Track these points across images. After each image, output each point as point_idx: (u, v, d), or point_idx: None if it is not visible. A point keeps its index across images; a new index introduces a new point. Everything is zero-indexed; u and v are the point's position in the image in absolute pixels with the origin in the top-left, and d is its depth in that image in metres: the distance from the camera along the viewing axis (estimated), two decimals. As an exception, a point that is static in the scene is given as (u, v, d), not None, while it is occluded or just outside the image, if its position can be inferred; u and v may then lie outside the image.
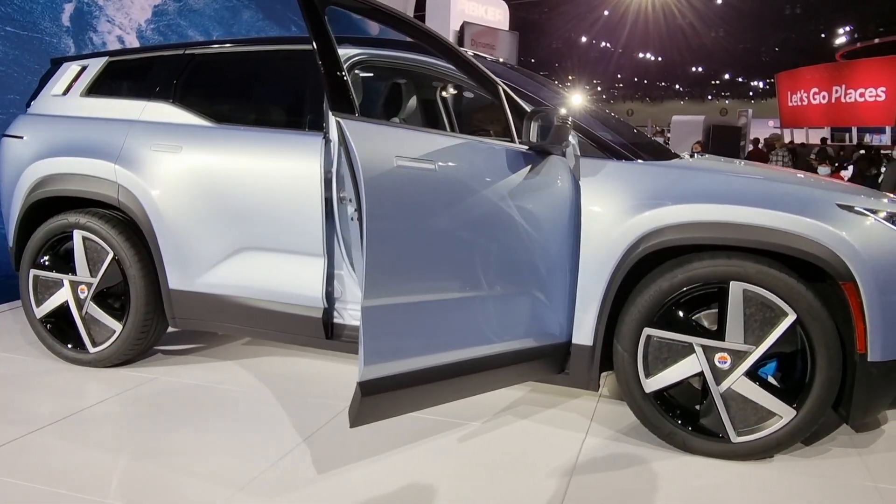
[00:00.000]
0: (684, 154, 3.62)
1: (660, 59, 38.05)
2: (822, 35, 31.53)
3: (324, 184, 3.05)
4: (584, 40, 34.47)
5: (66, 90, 3.82)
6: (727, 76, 45.35)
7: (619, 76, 45.97)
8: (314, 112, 3.24)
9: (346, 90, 2.33)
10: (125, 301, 3.53)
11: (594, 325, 2.81)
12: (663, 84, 48.47)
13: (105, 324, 3.56)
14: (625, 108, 46.51)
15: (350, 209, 3.02)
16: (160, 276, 3.45)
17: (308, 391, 3.34)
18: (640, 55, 37.74)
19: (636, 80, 47.66)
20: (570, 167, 2.84)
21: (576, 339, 2.86)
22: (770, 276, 2.57)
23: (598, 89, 47.49)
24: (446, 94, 4.25)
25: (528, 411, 3.16)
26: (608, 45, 35.93)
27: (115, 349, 3.55)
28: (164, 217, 3.37)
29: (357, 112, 2.34)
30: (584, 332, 2.84)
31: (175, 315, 3.49)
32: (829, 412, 2.72)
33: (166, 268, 3.42)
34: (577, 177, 2.83)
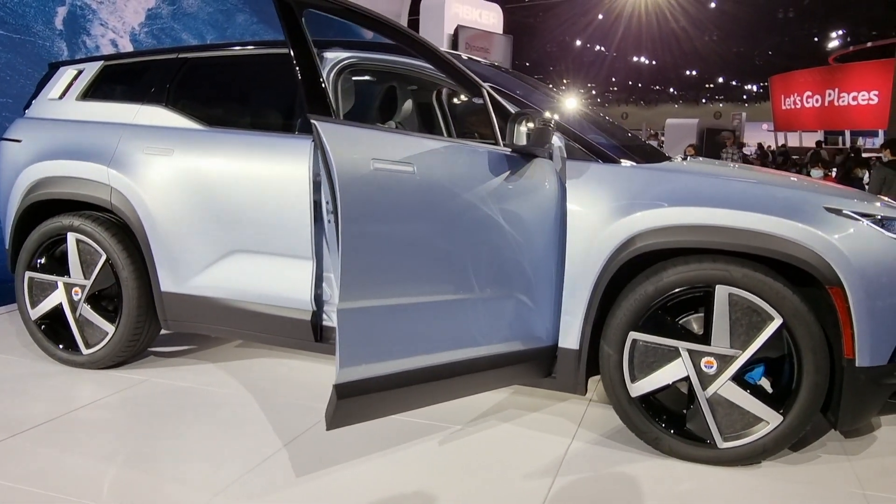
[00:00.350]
0: (677, 157, 3.65)
1: (654, 62, 38.19)
2: (815, 39, 31.71)
3: (312, 186, 3.06)
4: (578, 44, 34.58)
5: (63, 94, 3.86)
6: (721, 80, 45.55)
7: (614, 80, 46.13)
8: (304, 115, 3.26)
9: (323, 93, 2.34)
10: (118, 303, 3.55)
11: (580, 329, 2.79)
12: (657, 88, 48.64)
13: (98, 326, 3.58)
14: (619, 112, 46.62)
15: (325, 211, 3.04)
16: (152, 279, 3.47)
17: (296, 394, 3.35)
18: (635, 59, 37.88)
19: (630, 83, 47.82)
20: (557, 170, 2.83)
21: (562, 343, 2.84)
22: (756, 279, 2.54)
23: (593, 93, 47.60)
24: (442, 97, 4.27)
25: (517, 415, 3.16)
26: (602, 48, 36.04)
27: (107, 351, 3.57)
28: (156, 219, 3.39)
29: (335, 115, 2.35)
30: (570, 336, 2.82)
31: (167, 317, 3.51)
32: (819, 417, 2.70)
33: (158, 270, 3.44)
34: (563, 179, 2.81)
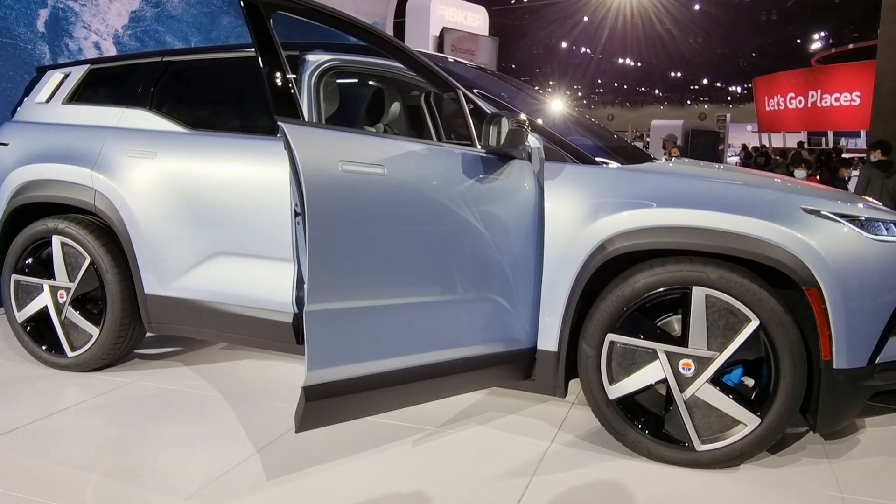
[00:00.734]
0: (661, 158, 3.67)
1: (639, 64, 38.37)
2: (798, 41, 31.97)
3: (293, 189, 3.07)
4: (564, 46, 34.70)
5: (50, 97, 3.89)
6: (705, 81, 45.82)
7: (600, 81, 46.28)
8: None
9: (290, 95, 2.34)
10: (102, 306, 3.56)
11: (559, 331, 2.78)
12: (643, 89, 48.87)
13: (83, 328, 3.60)
14: (605, 113, 46.84)
15: (293, 213, 3.04)
16: (136, 281, 3.47)
17: (279, 396, 3.36)
18: (620, 61, 38.05)
19: (616, 85, 48.02)
20: (535, 171, 2.82)
21: (541, 345, 2.84)
22: (732, 281, 2.53)
23: (579, 94, 47.77)
24: (431, 99, 4.27)
25: (497, 417, 3.15)
26: (588, 50, 36.18)
27: (92, 354, 3.58)
28: (139, 222, 3.39)
29: (303, 117, 2.35)
30: (549, 338, 2.81)
31: (151, 320, 3.51)
32: (800, 420, 2.70)
33: (141, 273, 3.44)
34: (541, 181, 2.80)
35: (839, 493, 2.54)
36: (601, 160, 2.93)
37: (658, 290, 2.63)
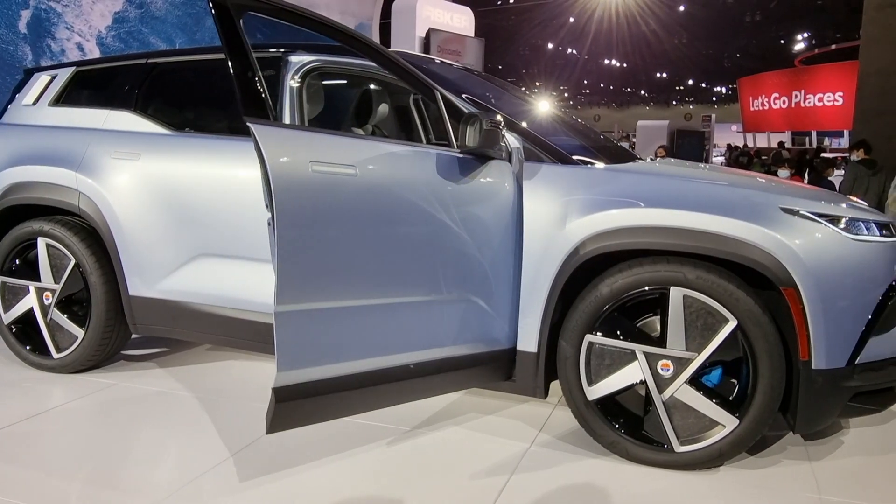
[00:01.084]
0: (647, 157, 3.69)
1: (625, 65, 38.59)
2: (782, 41, 32.29)
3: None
4: (550, 47, 34.83)
5: (36, 100, 3.89)
6: (691, 82, 46.18)
7: (586, 82, 46.51)
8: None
9: (259, 95, 2.31)
10: (87, 307, 3.55)
11: (538, 332, 2.75)
12: (629, 90, 49.15)
13: (68, 330, 3.59)
14: (592, 114, 47.02)
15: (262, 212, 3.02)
16: (120, 283, 3.46)
17: (261, 397, 3.32)
18: (606, 61, 38.24)
19: (602, 86, 48.28)
20: (515, 172, 2.78)
21: (520, 346, 2.80)
22: (709, 281, 2.50)
23: (566, 95, 47.97)
24: (420, 100, 4.26)
25: (481, 417, 3.11)
26: (574, 51, 36.33)
27: (77, 355, 3.57)
28: (123, 224, 3.38)
29: (272, 117, 2.33)
30: (528, 339, 2.77)
31: (135, 321, 3.50)
32: (781, 422, 2.69)
33: (126, 274, 3.43)
34: (520, 182, 2.77)
35: (818, 495, 2.50)
36: (581, 160, 2.90)
37: (636, 290, 2.60)
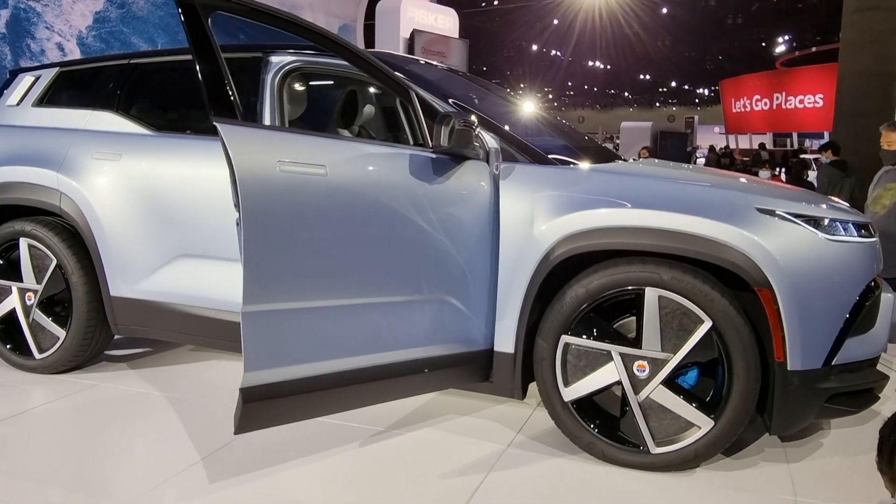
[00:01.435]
0: (630, 158, 3.71)
1: (609, 67, 38.78)
2: (763, 44, 32.60)
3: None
4: (534, 48, 34.95)
5: (20, 101, 3.88)
6: (674, 84, 46.50)
7: (570, 84, 46.71)
8: (250, 119, 3.25)
9: (226, 95, 2.30)
10: (69, 308, 3.53)
11: (515, 333, 2.73)
12: (613, 92, 49.41)
13: (50, 330, 3.59)
14: (576, 115, 47.28)
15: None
16: (101, 284, 3.45)
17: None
18: (590, 63, 38.42)
19: (586, 87, 48.49)
20: (492, 172, 2.77)
21: (498, 347, 2.78)
22: (684, 281, 2.49)
23: (550, 97, 48.11)
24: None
25: (462, 418, 3.11)
26: (558, 53, 36.47)
27: (59, 356, 3.56)
28: (104, 224, 3.37)
29: (240, 117, 2.32)
30: (505, 340, 2.76)
31: (117, 322, 3.49)
32: (760, 423, 2.68)
33: (107, 275, 3.42)
34: (498, 182, 2.76)
35: (793, 497, 2.49)
36: (558, 160, 2.89)
37: (611, 291, 2.59)
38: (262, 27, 2.55)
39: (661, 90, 49.12)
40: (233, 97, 2.32)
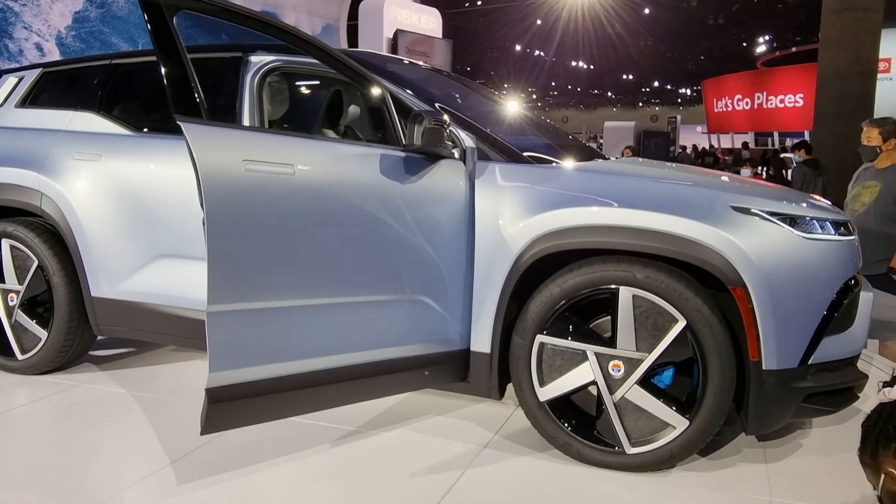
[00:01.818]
0: (613, 157, 3.72)
1: (592, 67, 38.96)
2: (744, 44, 32.89)
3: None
4: (518, 49, 35.04)
5: (3, 102, 3.87)
6: (656, 84, 46.79)
7: (554, 84, 46.88)
8: (229, 119, 3.25)
9: (191, 94, 2.29)
10: (51, 309, 3.52)
11: (491, 333, 2.72)
12: (596, 92, 49.61)
13: (32, 331, 3.58)
14: (560, 115, 47.35)
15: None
16: (82, 284, 3.44)
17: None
18: (573, 63, 38.58)
19: (570, 87, 48.68)
20: (467, 171, 2.75)
21: (474, 347, 2.77)
22: (658, 280, 2.47)
23: (534, 97, 48.27)
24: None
25: (439, 418, 3.10)
26: (542, 53, 36.60)
27: (41, 357, 3.55)
28: (84, 225, 3.36)
29: (205, 115, 2.29)
30: (481, 340, 2.74)
31: (98, 323, 3.48)
32: (736, 423, 2.66)
33: (88, 275, 3.41)
34: (472, 181, 2.75)
35: (768, 497, 2.47)
36: (533, 158, 2.87)
37: (586, 290, 2.58)
38: (232, 26, 2.52)
39: (643, 90, 49.40)
40: (198, 96, 2.29)
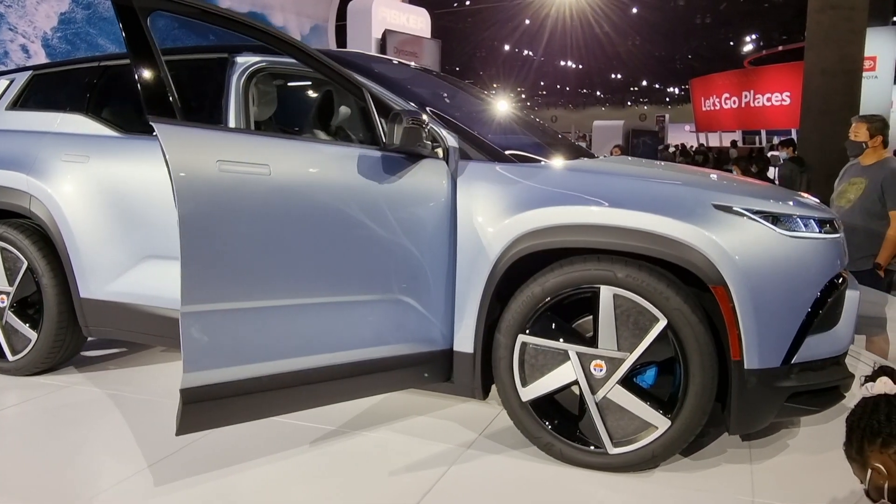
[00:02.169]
0: (602, 156, 3.73)
1: (580, 66, 39.07)
2: (731, 43, 33.08)
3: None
4: (507, 48, 35.10)
5: None
6: (644, 83, 46.98)
7: (543, 83, 46.97)
8: (215, 120, 3.26)
9: (164, 94, 2.28)
10: (41, 310, 3.53)
11: (474, 332, 2.70)
12: (585, 91, 49.75)
13: (22, 333, 3.59)
14: (549, 115, 47.42)
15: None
16: (71, 285, 3.44)
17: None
18: (562, 63, 38.68)
19: (559, 87, 48.80)
20: (449, 170, 2.74)
21: (457, 347, 2.76)
22: (639, 279, 2.45)
23: (523, 97, 48.32)
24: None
25: (422, 418, 3.10)
26: (530, 53, 36.67)
27: (31, 358, 3.56)
28: (72, 226, 3.37)
29: (179, 116, 2.29)
30: (464, 340, 2.73)
31: (87, 324, 3.48)
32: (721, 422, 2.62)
33: (76, 277, 3.41)
34: (454, 180, 2.73)
35: (751, 498, 2.45)
36: (517, 157, 2.86)
37: (567, 289, 2.56)
38: (209, 27, 2.52)
39: (632, 89, 49.57)
40: (171, 97, 2.29)
